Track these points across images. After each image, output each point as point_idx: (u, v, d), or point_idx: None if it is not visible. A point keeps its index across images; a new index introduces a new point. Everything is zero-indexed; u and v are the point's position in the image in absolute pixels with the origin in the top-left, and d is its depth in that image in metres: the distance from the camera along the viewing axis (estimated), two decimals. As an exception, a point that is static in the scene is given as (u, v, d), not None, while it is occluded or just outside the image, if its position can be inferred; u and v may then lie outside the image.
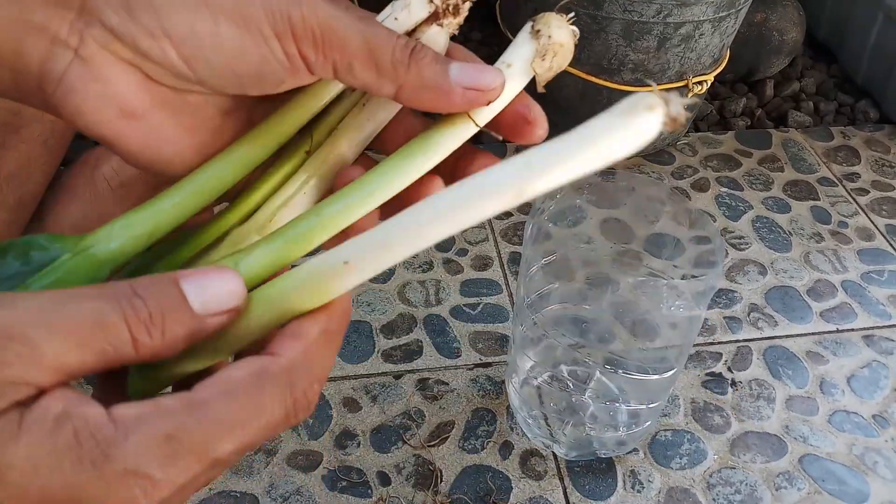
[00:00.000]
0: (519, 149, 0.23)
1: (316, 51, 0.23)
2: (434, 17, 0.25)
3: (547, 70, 0.24)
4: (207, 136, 0.26)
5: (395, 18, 0.25)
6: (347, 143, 0.27)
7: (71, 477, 0.19)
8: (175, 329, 0.21)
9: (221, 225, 0.27)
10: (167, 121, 0.25)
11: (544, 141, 0.21)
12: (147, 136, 0.25)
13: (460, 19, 0.26)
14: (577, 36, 0.24)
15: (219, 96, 0.26)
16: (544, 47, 0.24)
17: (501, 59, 0.25)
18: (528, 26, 0.25)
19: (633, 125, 0.17)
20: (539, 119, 0.26)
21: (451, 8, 0.25)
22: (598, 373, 0.60)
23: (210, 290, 0.22)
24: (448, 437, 0.61)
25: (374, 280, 0.73)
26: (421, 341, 0.68)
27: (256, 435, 0.21)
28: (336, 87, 0.27)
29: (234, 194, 0.28)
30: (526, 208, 0.82)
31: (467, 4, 0.25)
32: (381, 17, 0.26)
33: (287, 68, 0.24)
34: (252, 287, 0.23)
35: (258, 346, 0.23)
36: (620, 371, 0.58)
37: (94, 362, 0.20)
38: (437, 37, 0.26)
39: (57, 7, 0.23)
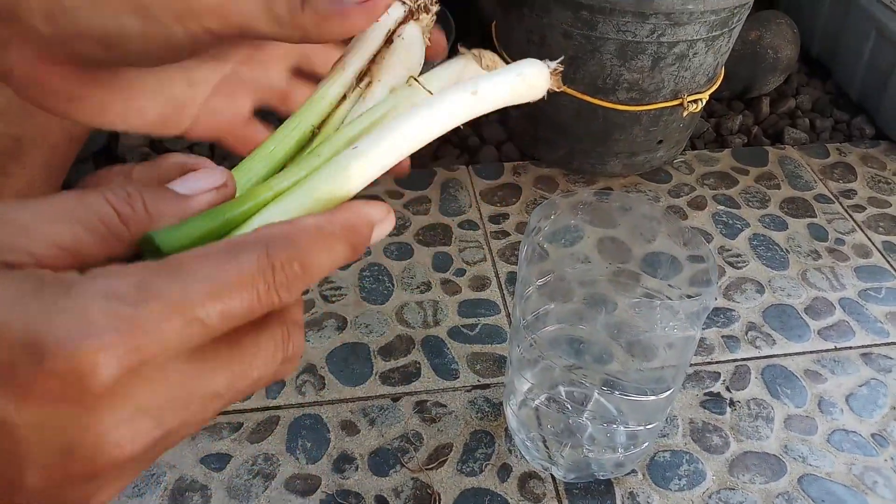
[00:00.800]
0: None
1: (220, 22, 0.27)
2: (410, 15, 0.32)
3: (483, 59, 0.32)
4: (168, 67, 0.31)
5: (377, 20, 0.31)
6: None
7: (29, 312, 0.18)
8: (159, 207, 0.22)
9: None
10: (107, 86, 0.30)
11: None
12: (99, 106, 0.30)
13: (432, 14, 0.33)
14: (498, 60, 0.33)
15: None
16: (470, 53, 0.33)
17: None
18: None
19: (537, 66, 0.30)
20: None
21: (422, 6, 0.33)
22: (595, 394, 0.60)
23: (195, 178, 0.24)
24: (446, 459, 0.60)
25: (372, 301, 0.73)
26: (419, 363, 0.68)
27: (237, 296, 0.20)
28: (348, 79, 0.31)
29: None
30: (522, 228, 0.82)
31: (436, 7, 0.33)
32: None
33: (189, 45, 0.28)
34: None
35: None
36: (618, 392, 0.58)
37: (91, 239, 0.21)
38: (414, 30, 0.32)
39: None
